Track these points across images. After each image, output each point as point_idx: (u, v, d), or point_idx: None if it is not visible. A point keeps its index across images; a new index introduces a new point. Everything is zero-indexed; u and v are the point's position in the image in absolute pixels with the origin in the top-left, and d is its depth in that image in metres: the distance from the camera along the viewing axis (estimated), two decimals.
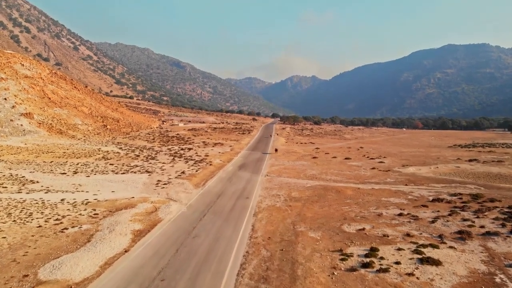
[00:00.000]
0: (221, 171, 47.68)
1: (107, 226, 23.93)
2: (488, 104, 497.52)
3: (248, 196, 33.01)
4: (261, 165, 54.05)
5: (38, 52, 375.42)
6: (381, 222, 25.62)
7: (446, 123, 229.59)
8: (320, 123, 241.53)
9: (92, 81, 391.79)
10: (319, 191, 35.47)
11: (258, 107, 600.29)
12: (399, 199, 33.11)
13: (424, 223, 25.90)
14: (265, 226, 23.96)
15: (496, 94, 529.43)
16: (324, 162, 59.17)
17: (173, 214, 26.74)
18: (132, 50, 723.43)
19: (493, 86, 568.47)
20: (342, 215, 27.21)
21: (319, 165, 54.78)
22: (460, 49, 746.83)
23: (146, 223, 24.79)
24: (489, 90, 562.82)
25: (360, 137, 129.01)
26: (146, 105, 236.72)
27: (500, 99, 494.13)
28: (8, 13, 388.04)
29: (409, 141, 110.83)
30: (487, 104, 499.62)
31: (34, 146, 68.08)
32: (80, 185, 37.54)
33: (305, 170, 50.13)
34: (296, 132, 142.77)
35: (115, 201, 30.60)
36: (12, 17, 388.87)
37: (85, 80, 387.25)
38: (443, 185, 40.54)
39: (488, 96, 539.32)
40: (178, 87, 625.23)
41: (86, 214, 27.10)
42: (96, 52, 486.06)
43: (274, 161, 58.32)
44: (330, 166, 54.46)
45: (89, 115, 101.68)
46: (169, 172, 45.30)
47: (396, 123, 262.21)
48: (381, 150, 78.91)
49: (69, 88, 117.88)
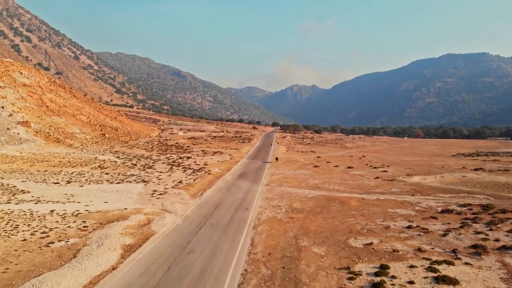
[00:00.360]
0: (220, 180, 46.10)
1: (96, 240, 22.32)
2: (489, 113, 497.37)
3: (247, 207, 31.40)
4: (261, 174, 52.50)
5: (39, 61, 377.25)
6: (389, 236, 23.98)
7: (447, 132, 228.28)
8: (320, 131, 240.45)
9: (92, 90, 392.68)
10: (322, 202, 33.85)
11: (259, 116, 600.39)
12: (406, 210, 31.47)
13: (435, 236, 24.26)
14: (266, 240, 22.32)
15: (497, 103, 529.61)
16: (326, 171, 57.61)
17: (167, 226, 25.11)
18: (133, 60, 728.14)
19: (493, 95, 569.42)
20: (348, 227, 25.57)
21: (321, 174, 53.21)
22: (460, 58, 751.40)
23: (138, 236, 23.16)
24: (489, 99, 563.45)
25: (362, 145, 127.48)
26: (146, 114, 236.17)
27: (500, 108, 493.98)
28: (9, 23, 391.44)
29: (411, 150, 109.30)
30: (488, 113, 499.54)
31: (29, 155, 66.68)
32: (73, 195, 35.98)
33: (307, 179, 48.54)
34: (296, 140, 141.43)
35: (107, 212, 29.00)
36: (13, 26, 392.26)
37: (85, 89, 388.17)
38: (451, 195, 38.90)
39: (489, 105, 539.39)
40: (179, 96, 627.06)
41: (75, 227, 25.49)
42: (97, 61, 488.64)
43: (274, 170, 56.77)
44: (333, 175, 52.88)
45: (88, 123, 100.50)
46: (166, 181, 43.74)
47: (397, 132, 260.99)
48: (384, 159, 77.35)
49: (68, 96, 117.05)
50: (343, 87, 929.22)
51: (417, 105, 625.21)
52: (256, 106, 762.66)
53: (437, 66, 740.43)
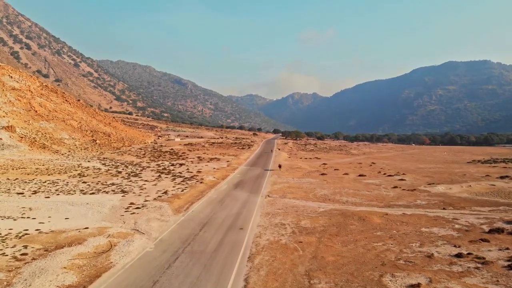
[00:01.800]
0: (213, 190, 39.40)
1: (26, 278, 15.71)
2: (492, 120, 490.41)
3: (242, 226, 24.67)
4: (261, 182, 45.75)
5: (38, 68, 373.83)
6: (437, 270, 17.30)
7: (454, 139, 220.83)
8: (323, 138, 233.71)
9: (91, 98, 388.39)
10: (337, 219, 27.11)
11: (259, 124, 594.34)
12: (445, 230, 24.76)
13: (499, 269, 17.56)
14: (266, 281, 15.53)
15: (499, 111, 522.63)
16: (335, 179, 50.83)
17: (132, 255, 18.45)
18: (133, 68, 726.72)
19: (496, 103, 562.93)
20: (377, 257, 18.87)
21: (330, 183, 46.43)
22: (461, 66, 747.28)
23: (87, 272, 16.52)
24: (491, 106, 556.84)
25: (368, 152, 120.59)
26: (144, 121, 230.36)
27: (503, 115, 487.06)
28: (9, 30, 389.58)
29: (422, 157, 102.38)
30: (491, 120, 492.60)
31: (7, 161, 60.28)
32: (31, 209, 29.42)
33: (314, 189, 41.80)
34: (299, 147, 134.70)
35: (61, 233, 22.39)
36: (12, 33, 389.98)
37: (84, 96, 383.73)
38: (490, 209, 32.20)
39: (491, 112, 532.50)
40: (179, 104, 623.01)
41: (10, 254, 18.88)
42: (97, 69, 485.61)
43: (276, 179, 49.99)
44: (343, 184, 46.12)
45: (78, 129, 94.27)
46: (149, 192, 37.12)
47: (401, 139, 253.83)
48: (396, 166, 70.59)
49: (59, 101, 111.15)
50: (344, 94, 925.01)
51: (418, 112, 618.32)
52: (257, 114, 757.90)
53: (438, 73, 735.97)
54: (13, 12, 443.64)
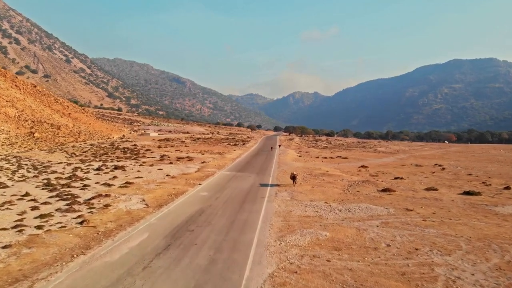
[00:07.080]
0: (99, 250, 13.76)
1: None
2: (501, 119, 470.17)
3: None
4: (247, 224, 17.67)
5: (27, 63, 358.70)
6: None
7: (484, 136, 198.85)
8: (333, 135, 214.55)
9: (82, 94, 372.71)
10: None
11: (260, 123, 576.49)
12: None
13: None
14: None
15: (508, 109, 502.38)
16: (441, 212, 21.05)
17: None
18: (130, 65, 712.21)
19: (503, 101, 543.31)
20: None
21: (451, 235, 16.14)
22: (467, 64, 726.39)
23: None
24: (499, 105, 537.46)
25: (401, 150, 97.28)
26: (128, 116, 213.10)
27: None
28: None
29: (486, 156, 79.37)
30: (500, 119, 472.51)
31: None
32: None
33: None
34: (308, 143, 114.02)
35: None
36: (1, 28, 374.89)
37: (74, 92, 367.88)
38: None
39: (499, 111, 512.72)
40: (177, 102, 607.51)
41: None
42: (90, 65, 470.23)
43: (287, 213, 20.36)
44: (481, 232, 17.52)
45: (15, 118, 76.89)
46: None
47: (420, 137, 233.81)
48: (475, 169, 48.66)
49: (6, 86, 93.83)
50: (346, 93, 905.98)
51: (424, 111, 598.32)
52: (258, 113, 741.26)
53: (443, 71, 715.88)
54: (4, 6, 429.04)
